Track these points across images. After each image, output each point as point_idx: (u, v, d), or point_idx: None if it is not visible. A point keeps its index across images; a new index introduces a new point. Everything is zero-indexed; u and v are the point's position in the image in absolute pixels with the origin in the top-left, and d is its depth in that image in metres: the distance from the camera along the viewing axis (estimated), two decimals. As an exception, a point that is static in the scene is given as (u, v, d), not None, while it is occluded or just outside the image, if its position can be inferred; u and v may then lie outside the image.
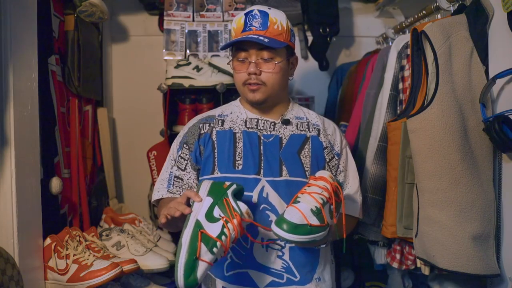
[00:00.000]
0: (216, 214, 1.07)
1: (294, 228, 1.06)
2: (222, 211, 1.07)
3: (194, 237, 1.02)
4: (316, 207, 1.10)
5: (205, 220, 1.05)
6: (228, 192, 1.11)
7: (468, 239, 1.25)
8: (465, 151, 1.26)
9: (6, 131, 1.22)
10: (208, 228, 1.04)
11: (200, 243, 1.01)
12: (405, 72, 1.64)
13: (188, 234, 1.02)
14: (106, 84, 2.34)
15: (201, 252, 1.01)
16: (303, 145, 1.36)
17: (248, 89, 1.33)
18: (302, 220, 1.07)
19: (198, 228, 1.04)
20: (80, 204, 1.83)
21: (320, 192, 1.12)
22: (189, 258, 0.99)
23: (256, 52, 1.30)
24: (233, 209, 1.07)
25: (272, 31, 1.29)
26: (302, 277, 1.30)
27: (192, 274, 0.99)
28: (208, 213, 1.07)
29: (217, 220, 1.06)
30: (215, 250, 1.02)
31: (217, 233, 1.04)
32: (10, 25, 1.22)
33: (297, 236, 1.06)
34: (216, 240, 1.02)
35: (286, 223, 1.06)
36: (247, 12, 1.33)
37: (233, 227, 1.05)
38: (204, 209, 1.08)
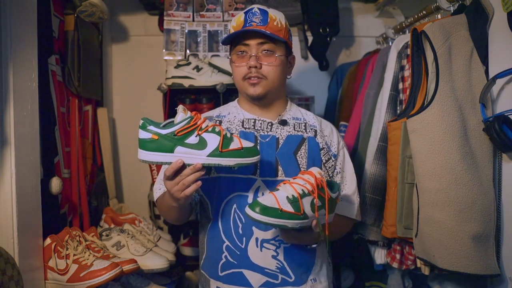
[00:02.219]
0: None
1: (263, 210, 1.10)
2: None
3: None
4: (293, 196, 1.12)
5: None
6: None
7: (468, 239, 1.25)
8: (465, 151, 1.26)
9: (6, 131, 1.22)
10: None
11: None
12: (405, 72, 1.64)
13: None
14: (106, 84, 2.34)
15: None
16: (299, 145, 1.36)
17: (249, 83, 1.32)
18: (274, 204, 1.10)
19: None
20: (80, 204, 1.83)
21: (302, 184, 1.15)
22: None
23: (257, 46, 1.31)
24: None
25: (272, 27, 1.30)
26: (297, 278, 1.30)
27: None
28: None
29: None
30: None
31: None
32: (10, 25, 1.22)
33: (266, 217, 1.09)
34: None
35: (258, 205, 1.10)
36: (247, 10, 1.34)
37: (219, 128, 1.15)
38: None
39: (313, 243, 1.25)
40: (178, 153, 1.12)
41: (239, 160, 1.14)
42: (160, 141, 1.12)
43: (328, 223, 1.19)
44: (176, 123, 1.13)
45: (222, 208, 1.33)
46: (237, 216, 1.31)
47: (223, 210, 1.33)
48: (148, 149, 1.13)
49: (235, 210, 1.31)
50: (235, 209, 1.31)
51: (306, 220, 1.13)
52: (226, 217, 1.32)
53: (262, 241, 1.29)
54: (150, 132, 1.13)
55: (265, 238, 1.29)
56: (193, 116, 1.14)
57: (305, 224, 1.14)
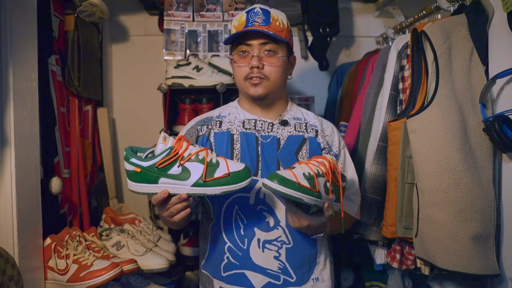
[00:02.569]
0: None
1: (282, 181, 1.09)
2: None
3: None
4: (309, 173, 1.13)
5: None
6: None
7: (468, 239, 1.25)
8: (465, 151, 1.26)
9: (6, 131, 1.22)
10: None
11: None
12: (405, 72, 1.64)
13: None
14: (106, 84, 2.34)
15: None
16: (300, 146, 1.36)
17: (250, 84, 1.32)
18: (292, 177, 1.11)
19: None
20: (80, 204, 1.83)
21: (316, 165, 1.16)
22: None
23: (259, 46, 1.30)
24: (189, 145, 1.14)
25: (274, 27, 1.30)
26: (299, 278, 1.30)
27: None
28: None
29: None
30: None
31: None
32: (10, 25, 1.22)
33: (284, 188, 1.09)
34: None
35: (276, 176, 1.11)
36: (249, 10, 1.33)
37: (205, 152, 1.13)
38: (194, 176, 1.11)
39: (319, 232, 1.24)
40: (163, 184, 1.10)
41: (225, 188, 1.10)
42: (144, 173, 1.10)
43: (337, 210, 1.20)
44: (157, 155, 1.10)
45: (223, 209, 1.32)
46: (238, 217, 1.31)
47: (225, 211, 1.32)
48: (134, 181, 1.12)
49: (236, 211, 1.31)
50: (237, 210, 1.31)
51: (320, 199, 1.14)
52: (227, 218, 1.32)
53: (264, 242, 1.29)
54: (133, 164, 1.11)
55: (267, 239, 1.29)
56: (174, 146, 1.11)
57: (319, 204, 1.14)
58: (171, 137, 1.13)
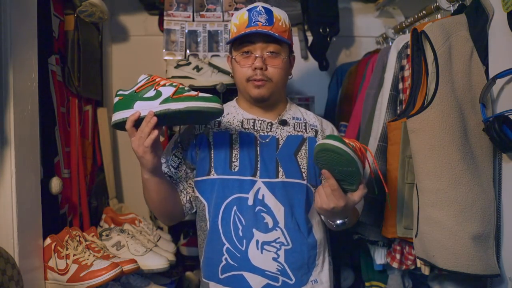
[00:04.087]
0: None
1: (342, 142, 1.11)
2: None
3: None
4: (351, 145, 1.14)
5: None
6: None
7: (468, 239, 1.25)
8: (465, 151, 1.26)
9: (6, 131, 1.22)
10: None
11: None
12: (405, 72, 1.64)
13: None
14: (106, 84, 2.34)
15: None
16: (300, 146, 1.35)
17: (253, 85, 1.30)
18: (344, 145, 1.11)
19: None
20: (80, 204, 1.83)
21: (348, 141, 1.17)
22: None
23: (262, 46, 1.29)
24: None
25: (277, 28, 1.29)
26: (298, 280, 1.29)
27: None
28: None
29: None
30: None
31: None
32: (10, 25, 1.22)
33: (345, 147, 1.10)
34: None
35: (334, 137, 1.12)
36: (250, 8, 1.31)
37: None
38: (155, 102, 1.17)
39: (344, 216, 1.25)
40: (137, 108, 1.18)
41: (190, 104, 1.12)
42: (124, 101, 1.21)
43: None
44: (138, 82, 1.22)
45: (221, 210, 1.31)
46: (237, 218, 1.30)
47: (223, 212, 1.31)
48: (116, 111, 1.21)
49: (235, 212, 1.30)
50: (235, 211, 1.30)
51: (362, 168, 1.15)
52: (226, 219, 1.31)
53: (262, 243, 1.28)
54: (118, 95, 1.23)
55: (265, 241, 1.28)
56: (152, 74, 1.22)
57: (361, 174, 1.15)
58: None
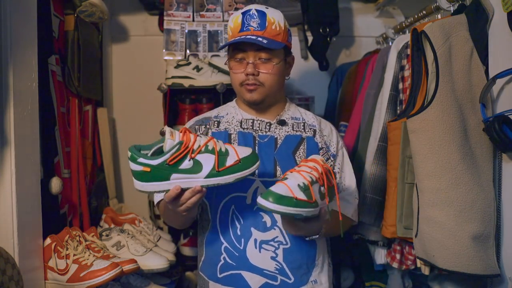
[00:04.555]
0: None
1: (279, 199, 1.05)
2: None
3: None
4: (304, 183, 1.10)
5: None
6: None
7: (468, 239, 1.25)
8: (465, 151, 1.26)
9: (6, 131, 1.22)
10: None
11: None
12: (405, 72, 1.64)
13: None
14: (106, 84, 2.34)
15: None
16: (298, 145, 1.35)
17: (246, 90, 1.32)
18: (288, 193, 1.07)
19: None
20: (80, 204, 1.83)
21: (309, 171, 1.12)
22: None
23: (254, 53, 1.30)
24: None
25: (270, 32, 1.28)
26: (297, 280, 1.29)
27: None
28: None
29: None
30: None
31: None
32: (10, 25, 1.22)
33: (282, 207, 1.05)
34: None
35: (271, 195, 1.06)
36: (244, 11, 1.31)
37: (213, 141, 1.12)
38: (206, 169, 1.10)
39: (315, 234, 1.23)
40: (174, 180, 1.08)
41: (238, 175, 1.10)
42: (153, 172, 1.07)
43: (330, 210, 1.19)
44: (166, 152, 1.06)
45: (220, 209, 1.32)
46: (235, 217, 1.31)
47: (221, 211, 1.32)
48: (143, 180, 1.08)
49: (233, 211, 1.31)
50: (234, 210, 1.31)
51: (317, 208, 1.12)
52: (224, 218, 1.32)
53: (260, 242, 1.29)
54: (141, 164, 1.07)
55: (264, 239, 1.29)
56: (182, 140, 1.08)
57: (316, 212, 1.13)
58: (176, 132, 1.11)
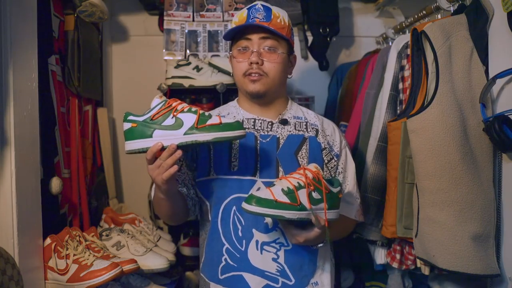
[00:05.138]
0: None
1: (258, 202, 1.11)
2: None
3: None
4: (288, 188, 1.13)
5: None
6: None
7: (468, 239, 1.25)
8: (465, 151, 1.26)
9: (6, 131, 1.22)
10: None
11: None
12: (405, 72, 1.64)
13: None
14: (106, 84, 2.34)
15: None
16: (300, 145, 1.35)
17: (249, 80, 1.30)
18: (269, 196, 1.11)
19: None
20: (80, 204, 1.83)
21: (297, 177, 1.16)
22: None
23: (259, 41, 1.29)
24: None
25: (275, 24, 1.29)
26: (298, 281, 1.29)
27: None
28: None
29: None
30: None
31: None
32: (10, 25, 1.22)
33: (261, 208, 1.10)
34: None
35: (253, 198, 1.12)
36: (250, 6, 1.32)
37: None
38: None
39: (319, 242, 1.23)
40: (157, 137, 1.13)
41: (217, 135, 1.12)
42: (139, 128, 1.14)
43: (334, 219, 1.19)
44: (152, 108, 1.15)
45: (221, 210, 1.31)
46: (236, 218, 1.30)
47: (223, 212, 1.31)
48: (131, 139, 1.15)
49: (234, 212, 1.30)
50: (235, 211, 1.30)
51: (304, 211, 1.13)
52: (225, 219, 1.31)
53: (262, 243, 1.28)
54: (130, 121, 1.15)
55: (265, 241, 1.28)
56: (167, 99, 1.17)
57: (304, 216, 1.13)
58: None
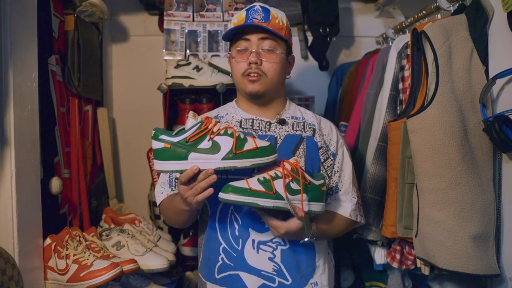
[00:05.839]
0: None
1: (233, 190, 1.11)
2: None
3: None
4: (264, 178, 1.14)
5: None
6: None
7: (468, 239, 1.25)
8: (465, 151, 1.26)
9: (6, 131, 1.22)
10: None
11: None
12: (405, 72, 1.64)
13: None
14: (106, 84, 2.34)
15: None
16: (298, 145, 1.35)
17: (248, 80, 1.31)
18: (244, 185, 1.12)
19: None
20: (80, 204, 1.83)
21: (275, 169, 1.17)
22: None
23: (258, 42, 1.30)
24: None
25: (274, 24, 1.30)
26: (295, 281, 1.29)
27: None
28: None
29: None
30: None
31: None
32: (10, 25, 1.22)
33: (235, 195, 1.11)
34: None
35: (228, 187, 1.12)
36: (248, 7, 1.33)
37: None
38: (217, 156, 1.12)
39: (304, 236, 1.22)
40: (193, 159, 1.10)
41: (255, 161, 1.12)
42: (173, 149, 1.10)
43: (317, 211, 1.19)
44: (187, 129, 1.11)
45: (219, 210, 1.32)
46: (234, 217, 1.30)
47: (221, 211, 1.32)
48: (163, 159, 1.11)
49: (232, 212, 1.30)
50: (232, 211, 1.30)
51: (280, 200, 1.13)
52: (223, 218, 1.31)
53: (258, 243, 1.28)
54: (162, 141, 1.11)
55: (261, 240, 1.28)
56: (204, 120, 1.13)
57: (280, 205, 1.13)
58: (200, 116, 1.16)
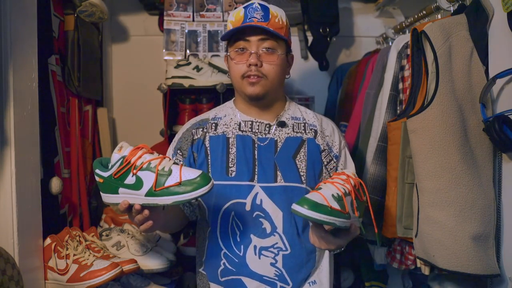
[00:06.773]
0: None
1: (314, 206, 1.05)
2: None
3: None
4: (338, 194, 1.11)
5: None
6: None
7: (468, 239, 1.25)
8: (465, 151, 1.26)
9: (6, 131, 1.22)
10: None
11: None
12: (405, 72, 1.64)
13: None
14: (106, 84, 2.34)
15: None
16: (298, 148, 1.32)
17: (247, 82, 1.27)
18: (323, 201, 1.07)
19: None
20: (80, 204, 1.83)
21: (342, 183, 1.14)
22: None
23: (258, 43, 1.26)
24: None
25: (273, 24, 1.26)
26: (295, 284, 1.29)
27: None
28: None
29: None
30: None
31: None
32: (10, 25, 1.22)
33: (317, 214, 1.05)
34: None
35: (307, 202, 1.06)
36: (247, 5, 1.29)
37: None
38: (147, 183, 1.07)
39: (340, 248, 1.20)
40: (122, 194, 1.09)
41: (175, 198, 1.04)
42: (107, 183, 1.10)
43: (358, 226, 1.18)
44: (112, 165, 1.10)
45: (220, 215, 1.30)
46: (235, 223, 1.29)
47: (222, 217, 1.30)
48: (102, 191, 1.13)
49: (233, 218, 1.29)
50: (233, 217, 1.29)
51: (349, 220, 1.12)
52: (224, 224, 1.30)
53: (260, 248, 1.28)
54: (97, 175, 1.13)
55: (263, 246, 1.28)
56: (125, 155, 1.09)
57: (348, 225, 1.12)
58: (130, 147, 1.12)
